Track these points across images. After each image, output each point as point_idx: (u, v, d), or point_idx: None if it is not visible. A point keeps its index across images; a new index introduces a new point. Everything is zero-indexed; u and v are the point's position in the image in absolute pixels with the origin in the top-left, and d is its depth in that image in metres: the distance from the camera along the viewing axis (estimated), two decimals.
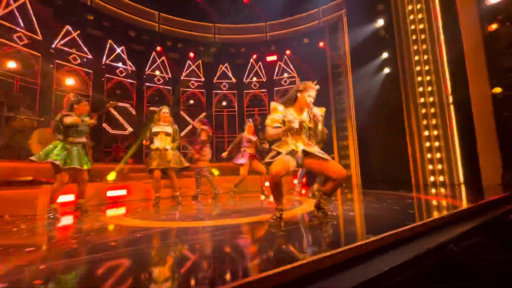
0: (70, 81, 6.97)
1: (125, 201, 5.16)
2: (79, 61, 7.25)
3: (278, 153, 2.29)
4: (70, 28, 7.09)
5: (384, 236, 1.60)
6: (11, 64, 5.80)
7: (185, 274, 1.30)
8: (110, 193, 5.08)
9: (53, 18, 6.72)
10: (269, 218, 2.32)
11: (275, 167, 2.19)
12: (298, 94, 2.39)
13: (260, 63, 9.69)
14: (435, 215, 2.43)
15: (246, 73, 9.84)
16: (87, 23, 7.43)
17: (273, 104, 2.43)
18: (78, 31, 7.23)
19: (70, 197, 4.22)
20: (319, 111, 2.41)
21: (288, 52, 9.52)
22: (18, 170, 4.13)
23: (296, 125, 2.32)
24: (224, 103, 9.78)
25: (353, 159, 7.90)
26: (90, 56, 7.48)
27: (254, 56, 9.71)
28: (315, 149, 2.33)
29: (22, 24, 6.09)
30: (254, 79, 9.75)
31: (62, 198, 3.94)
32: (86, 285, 1.23)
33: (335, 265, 1.37)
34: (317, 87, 2.46)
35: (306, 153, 2.34)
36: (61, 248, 1.89)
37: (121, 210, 4.08)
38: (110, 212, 3.87)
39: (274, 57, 9.68)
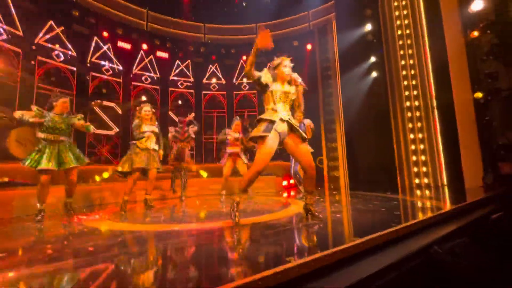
0: (52, 79, 6.72)
1: (108, 204, 5.00)
2: (62, 58, 7.00)
3: (270, 123, 2.38)
4: (53, 24, 6.84)
5: (371, 238, 1.60)
6: None
7: (171, 279, 1.25)
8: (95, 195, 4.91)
9: (35, 13, 6.46)
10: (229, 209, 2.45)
11: (256, 166, 2.34)
12: (276, 71, 2.59)
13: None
14: (420, 216, 2.46)
15: (236, 74, 9.79)
16: (72, 19, 7.19)
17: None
18: (62, 27, 6.99)
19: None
20: (298, 76, 2.66)
21: (278, 54, 9.53)
22: None
23: (281, 90, 2.53)
24: (213, 104, 9.69)
25: (341, 161, 7.98)
26: (74, 54, 7.24)
27: (244, 57, 9.68)
28: (297, 125, 2.52)
29: (1, 19, 5.82)
30: (244, 80, 9.72)
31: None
32: None
33: (322, 268, 1.35)
34: (289, 59, 2.69)
35: (288, 132, 2.47)
36: (34, 254, 1.79)
37: (104, 213, 3.94)
38: (93, 215, 3.73)
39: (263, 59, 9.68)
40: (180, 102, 9.34)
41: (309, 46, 9.07)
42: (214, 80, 9.74)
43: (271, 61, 2.80)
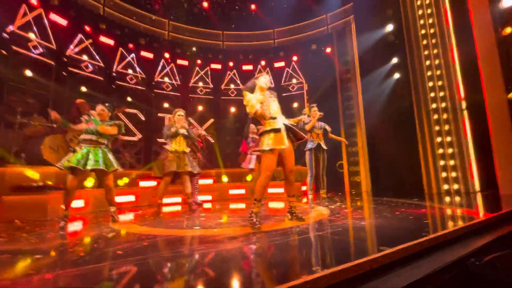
0: (82, 88, 7.13)
1: (132, 207, 5.17)
2: (91, 68, 7.42)
3: (275, 131, 2.62)
4: (82, 37, 7.28)
5: (401, 248, 1.52)
6: (26, 72, 5.97)
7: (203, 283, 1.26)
8: (118, 199, 5.09)
9: (67, 27, 6.91)
10: (248, 216, 2.56)
11: (267, 173, 2.55)
12: (256, 81, 2.79)
13: (268, 69, 9.72)
14: (453, 226, 2.32)
15: None
16: (99, 31, 7.62)
17: (245, 92, 2.74)
18: (90, 40, 7.42)
19: (80, 203, 4.26)
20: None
21: (295, 58, 9.52)
22: (30, 176, 4.19)
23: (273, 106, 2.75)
24: (232, 109, 9.81)
25: (362, 166, 7.75)
26: (101, 64, 7.65)
27: (262, 63, 9.75)
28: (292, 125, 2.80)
29: (37, 34, 6.28)
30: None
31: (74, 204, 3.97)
32: None
33: (349, 279, 1.30)
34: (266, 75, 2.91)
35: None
36: (69, 256, 1.88)
37: (129, 216, 4.07)
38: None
39: (282, 63, 9.70)
40: (200, 108, 9.54)
41: (327, 50, 8.96)
42: (232, 86, 9.87)
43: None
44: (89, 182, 5.01)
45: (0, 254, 1.92)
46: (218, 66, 9.76)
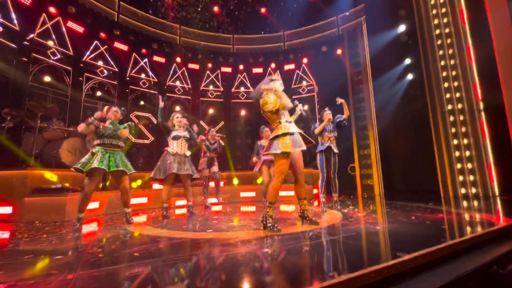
0: (97, 93, 7.35)
1: (145, 209, 5.27)
2: (106, 73, 7.63)
3: (290, 135, 2.64)
4: (98, 43, 7.52)
5: (420, 255, 1.49)
6: (45, 78, 6.22)
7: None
8: (132, 201, 5.20)
9: (83, 34, 7.16)
10: (263, 219, 2.59)
11: (279, 176, 2.60)
12: (272, 84, 2.82)
13: (278, 72, 9.72)
14: (472, 232, 2.24)
15: None
16: (113, 38, 7.85)
17: (266, 90, 2.77)
18: (105, 46, 7.65)
19: (95, 205, 4.37)
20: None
21: (305, 60, 9.49)
22: (49, 178, 4.34)
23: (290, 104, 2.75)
24: (242, 112, 9.86)
25: (375, 169, 7.61)
26: (116, 69, 7.86)
27: (272, 65, 9.77)
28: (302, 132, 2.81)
29: (55, 41, 6.53)
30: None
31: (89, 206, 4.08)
32: None
33: (365, 286, 1.28)
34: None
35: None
36: (88, 257, 1.93)
37: (142, 218, 4.15)
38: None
39: (292, 66, 9.69)
40: (211, 111, 9.64)
41: (338, 51, 8.89)
42: (242, 89, 9.93)
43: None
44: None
45: (23, 255, 2.00)
46: (229, 70, 9.85)
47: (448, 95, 5.85)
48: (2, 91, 5.38)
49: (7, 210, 3.85)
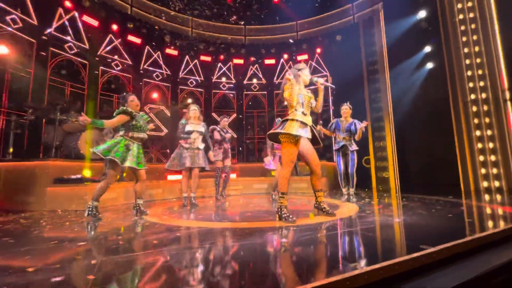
0: (112, 86, 7.48)
1: (160, 200, 5.38)
2: (120, 67, 7.74)
3: (302, 124, 2.59)
4: (112, 37, 7.60)
5: (445, 248, 1.43)
6: (63, 71, 6.37)
7: (209, 280, 1.27)
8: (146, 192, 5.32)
9: (98, 28, 7.25)
10: (278, 211, 2.55)
11: (288, 165, 2.56)
12: (299, 73, 2.78)
13: (290, 63, 9.56)
14: (497, 225, 2.14)
15: (277, 74, 9.76)
16: (127, 31, 7.91)
17: (289, 78, 2.65)
18: (119, 39, 7.73)
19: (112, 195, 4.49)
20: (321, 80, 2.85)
21: (319, 50, 9.26)
22: (69, 169, 4.50)
23: (302, 97, 2.69)
24: (255, 104, 9.80)
25: (391, 161, 7.42)
26: (130, 62, 7.96)
27: (285, 56, 9.60)
28: (316, 133, 2.76)
29: (72, 35, 6.65)
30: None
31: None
32: (135, 281, 1.25)
33: (388, 279, 1.24)
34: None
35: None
36: (109, 244, 1.99)
37: (159, 209, 4.23)
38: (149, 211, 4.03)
39: (305, 56, 9.48)
40: (223, 103, 9.64)
41: (353, 40, 8.60)
42: (255, 81, 9.85)
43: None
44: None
45: (48, 241, 2.08)
46: (241, 61, 9.76)
47: (471, 84, 5.56)
48: (24, 85, 5.56)
49: (31, 199, 4.02)
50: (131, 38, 8.00)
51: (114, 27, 7.60)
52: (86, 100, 6.68)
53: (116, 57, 7.65)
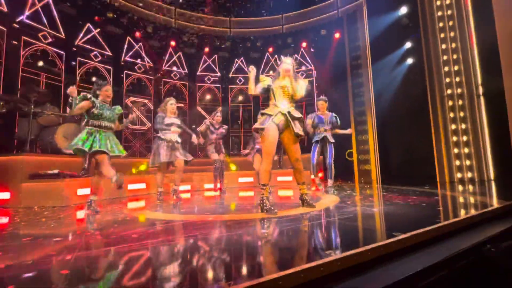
0: (92, 78, 7.19)
1: (143, 195, 5.29)
2: (100, 58, 7.44)
3: (269, 116, 2.71)
4: (91, 26, 7.27)
5: (414, 234, 1.51)
6: (37, 62, 6.05)
7: (201, 270, 1.28)
8: (131, 187, 5.22)
9: (75, 17, 6.91)
10: (260, 201, 2.58)
11: (266, 157, 2.66)
12: (279, 69, 2.92)
13: (276, 56, 9.54)
14: (467, 213, 2.28)
15: (262, 67, 9.72)
16: (107, 21, 7.59)
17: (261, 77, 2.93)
18: (98, 29, 7.40)
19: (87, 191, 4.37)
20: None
21: (304, 44, 9.29)
22: (45, 164, 4.32)
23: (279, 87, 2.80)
24: (240, 98, 9.75)
25: (372, 154, 7.64)
26: (110, 53, 7.66)
27: (270, 50, 9.56)
28: (297, 125, 2.77)
29: (46, 24, 6.31)
30: (271, 72, 9.61)
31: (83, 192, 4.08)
32: (110, 275, 1.24)
33: (362, 264, 1.30)
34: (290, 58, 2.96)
35: (285, 127, 2.76)
36: (87, 239, 1.94)
37: (141, 203, 4.17)
38: (131, 205, 3.97)
39: (290, 50, 9.48)
40: (208, 96, 9.52)
41: (337, 35, 8.69)
42: (239, 74, 9.77)
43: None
44: None
45: (22, 237, 2.01)
46: (226, 54, 9.63)
47: (448, 80, 5.79)
48: None
49: (5, 195, 3.84)
50: (111, 28, 7.68)
51: (93, 16, 7.27)
52: (63, 93, 6.39)
53: (95, 47, 7.34)
